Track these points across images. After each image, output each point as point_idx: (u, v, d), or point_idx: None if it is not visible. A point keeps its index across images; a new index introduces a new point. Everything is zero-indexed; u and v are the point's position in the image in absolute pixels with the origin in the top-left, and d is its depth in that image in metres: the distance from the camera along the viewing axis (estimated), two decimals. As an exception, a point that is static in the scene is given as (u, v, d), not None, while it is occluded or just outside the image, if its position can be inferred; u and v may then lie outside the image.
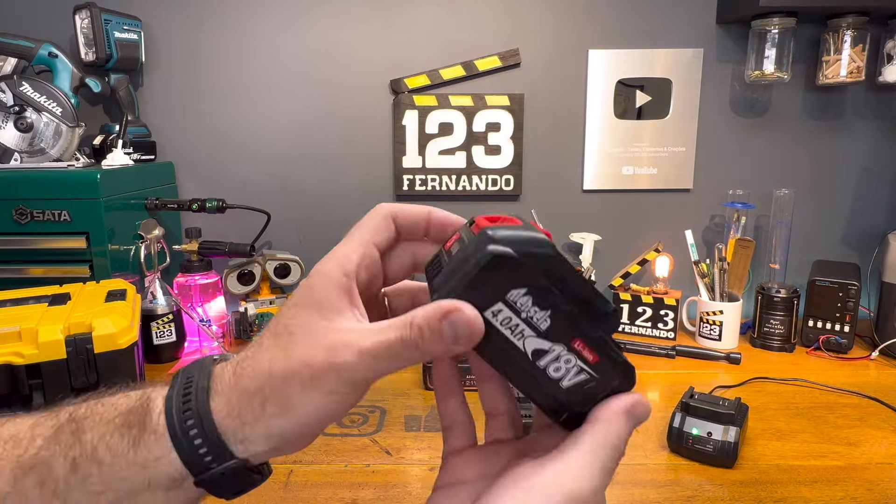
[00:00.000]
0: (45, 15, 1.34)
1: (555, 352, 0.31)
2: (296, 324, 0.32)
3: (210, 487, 0.33)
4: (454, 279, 0.30)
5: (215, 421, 0.32)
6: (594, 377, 0.31)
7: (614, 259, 1.43)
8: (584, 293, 0.30)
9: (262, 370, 0.32)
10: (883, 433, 0.92)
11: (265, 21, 1.37)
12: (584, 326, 0.30)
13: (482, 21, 1.37)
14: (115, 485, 0.33)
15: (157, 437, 0.32)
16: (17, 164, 1.20)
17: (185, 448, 0.32)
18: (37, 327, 0.84)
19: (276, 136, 1.41)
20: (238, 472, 0.33)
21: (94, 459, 0.33)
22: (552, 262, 0.29)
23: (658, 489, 0.78)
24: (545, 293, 0.30)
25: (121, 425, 0.33)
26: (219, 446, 0.32)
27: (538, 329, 0.30)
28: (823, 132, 1.41)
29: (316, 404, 0.31)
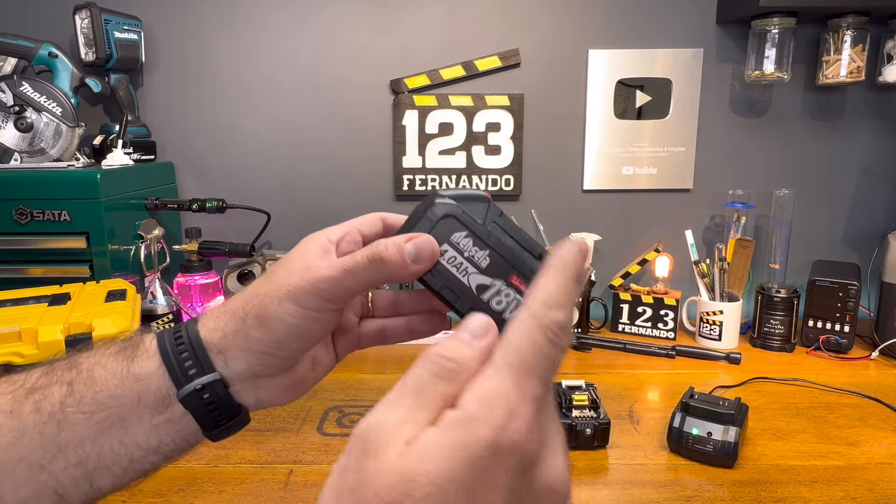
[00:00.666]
0: (45, 15, 1.34)
1: (496, 286, 0.36)
2: (279, 265, 0.38)
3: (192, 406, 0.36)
4: (408, 226, 0.37)
5: (200, 334, 0.37)
6: None
7: (614, 259, 1.43)
8: (517, 235, 0.36)
9: (247, 294, 0.37)
10: (883, 433, 0.92)
11: (265, 21, 1.37)
12: (518, 264, 0.36)
13: (482, 21, 1.37)
14: (108, 402, 0.36)
15: (149, 356, 0.37)
16: (17, 164, 1.20)
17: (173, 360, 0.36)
18: (37, 327, 0.84)
19: (276, 135, 1.41)
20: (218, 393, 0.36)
21: (90, 379, 0.36)
22: (487, 208, 0.36)
23: (658, 489, 0.78)
24: (483, 235, 0.36)
25: (116, 352, 0.37)
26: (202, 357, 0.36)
27: (479, 266, 0.36)
28: (823, 132, 1.41)
29: (291, 316, 0.35)
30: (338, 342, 0.42)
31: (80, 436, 0.35)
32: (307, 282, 0.35)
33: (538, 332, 0.25)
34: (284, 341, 0.36)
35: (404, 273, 0.35)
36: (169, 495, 0.76)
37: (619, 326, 1.36)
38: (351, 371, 1.14)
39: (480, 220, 0.36)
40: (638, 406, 1.01)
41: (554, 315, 0.26)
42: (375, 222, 0.41)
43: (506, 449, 0.23)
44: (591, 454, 0.86)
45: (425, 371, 0.25)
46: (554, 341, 0.26)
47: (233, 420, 0.38)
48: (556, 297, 0.26)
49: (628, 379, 1.12)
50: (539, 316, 0.26)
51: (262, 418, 0.96)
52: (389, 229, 0.41)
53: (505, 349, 0.25)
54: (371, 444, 0.23)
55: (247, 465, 0.83)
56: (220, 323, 0.37)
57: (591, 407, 0.88)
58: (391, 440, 0.23)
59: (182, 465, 0.83)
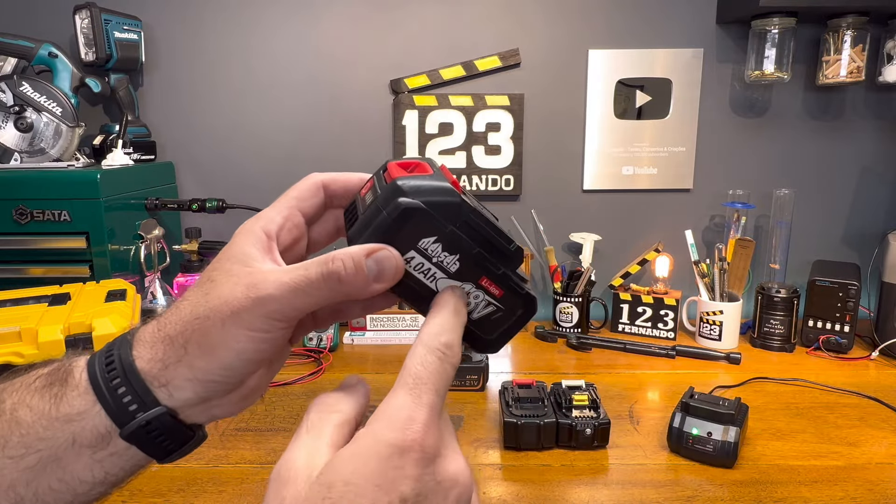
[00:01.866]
0: (45, 15, 1.34)
1: (465, 289, 0.33)
2: (217, 273, 0.33)
3: (138, 442, 0.32)
4: (368, 230, 0.32)
5: (137, 367, 0.32)
6: (500, 308, 0.34)
7: (614, 259, 1.43)
8: (488, 236, 0.33)
9: (185, 315, 0.32)
10: (883, 433, 0.92)
11: (265, 21, 1.37)
12: (489, 265, 0.33)
13: (482, 21, 1.37)
14: (37, 445, 0.32)
15: (80, 392, 0.32)
16: (17, 164, 1.20)
17: (108, 397, 0.32)
18: (37, 327, 0.84)
19: (277, 135, 1.41)
20: (166, 424, 0.32)
21: (14, 422, 0.32)
22: (458, 210, 0.32)
23: (658, 489, 0.78)
24: (453, 239, 0.32)
25: (41, 387, 0.33)
26: (142, 391, 0.32)
27: (448, 271, 0.33)
28: (823, 132, 1.41)
29: (237, 341, 0.31)
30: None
31: (10, 480, 0.32)
32: (252, 302, 0.30)
33: (428, 353, 0.30)
34: (233, 366, 0.32)
35: (364, 293, 0.31)
36: (169, 495, 0.76)
37: (619, 326, 1.36)
38: (351, 371, 1.14)
39: (450, 222, 0.31)
40: (638, 406, 1.01)
41: (442, 338, 0.30)
42: (315, 192, 0.37)
43: (408, 445, 0.27)
44: (591, 454, 0.86)
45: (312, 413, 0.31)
46: (442, 358, 0.30)
47: (186, 444, 0.34)
48: (440, 325, 0.31)
49: (628, 379, 1.12)
50: (427, 342, 0.30)
51: (262, 418, 0.96)
52: (333, 196, 0.37)
53: (401, 375, 0.29)
54: (283, 476, 0.27)
55: (247, 465, 0.83)
56: (157, 353, 0.32)
57: (591, 407, 0.88)
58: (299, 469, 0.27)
59: (182, 466, 0.83)
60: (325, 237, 0.39)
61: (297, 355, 1.20)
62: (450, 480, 0.28)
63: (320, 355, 1.19)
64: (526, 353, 1.26)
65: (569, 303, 1.33)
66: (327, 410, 0.31)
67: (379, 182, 0.33)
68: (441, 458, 0.29)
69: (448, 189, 0.32)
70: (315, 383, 1.09)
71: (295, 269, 0.31)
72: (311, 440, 0.29)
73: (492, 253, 0.33)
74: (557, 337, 1.32)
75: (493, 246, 0.33)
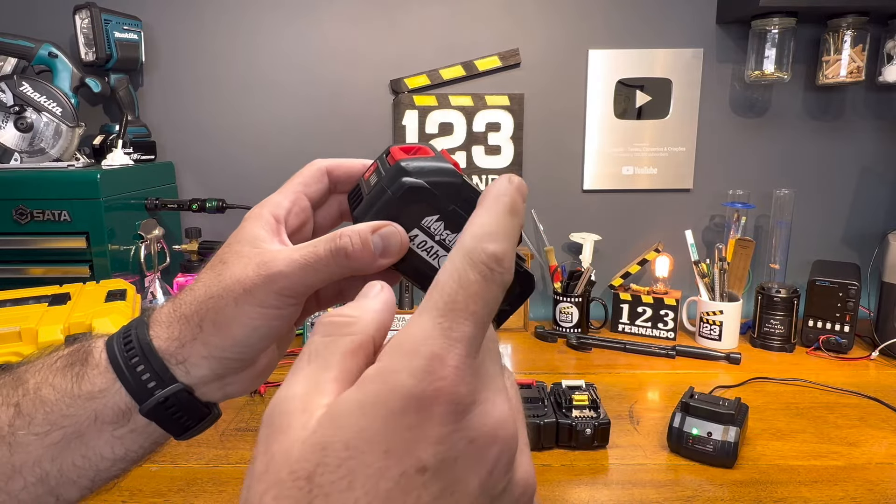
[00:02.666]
0: (45, 15, 1.34)
1: None
2: (229, 255, 0.33)
3: (157, 418, 0.34)
4: (373, 210, 0.32)
5: (155, 346, 0.33)
6: None
7: (614, 259, 1.43)
8: None
9: (199, 295, 0.33)
10: (883, 433, 0.92)
11: (265, 21, 1.37)
12: None
13: (482, 21, 1.37)
14: (61, 422, 0.33)
15: (101, 371, 0.33)
16: (17, 164, 1.20)
17: (128, 375, 0.33)
18: (37, 327, 0.84)
19: (277, 135, 1.41)
20: (183, 401, 0.33)
21: (38, 400, 0.33)
22: (460, 189, 0.32)
23: (658, 489, 0.78)
24: (456, 217, 0.32)
25: (63, 367, 0.34)
26: (160, 369, 0.33)
27: (448, 247, 0.33)
28: (823, 132, 1.41)
29: (250, 317, 0.32)
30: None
31: (36, 456, 0.33)
32: (263, 279, 0.31)
33: (468, 267, 0.23)
34: (247, 343, 0.33)
35: (371, 268, 0.32)
36: (169, 495, 0.76)
37: (619, 326, 1.36)
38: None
39: (452, 201, 0.32)
40: (638, 406, 1.01)
41: (487, 247, 0.23)
42: (320, 178, 0.38)
43: (429, 397, 0.20)
44: (591, 454, 0.86)
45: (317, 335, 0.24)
46: (487, 276, 0.22)
47: (203, 420, 0.35)
48: (488, 228, 0.24)
49: (628, 379, 1.12)
50: (469, 250, 0.23)
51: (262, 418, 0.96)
52: (336, 182, 0.38)
53: (430, 291, 0.23)
54: (276, 424, 0.21)
55: (246, 465, 0.83)
56: (174, 332, 0.33)
57: (591, 407, 0.88)
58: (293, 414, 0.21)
59: (182, 466, 0.83)
60: (330, 221, 0.40)
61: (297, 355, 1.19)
62: (487, 437, 0.21)
63: (320, 355, 1.18)
64: (526, 353, 1.26)
65: (569, 303, 1.33)
66: (337, 332, 0.24)
67: (382, 165, 0.34)
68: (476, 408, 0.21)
69: (450, 169, 0.32)
70: (315, 383, 1.09)
71: (304, 247, 0.32)
72: (313, 372, 0.23)
73: None
74: (557, 337, 1.32)
75: None
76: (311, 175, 0.38)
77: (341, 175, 0.38)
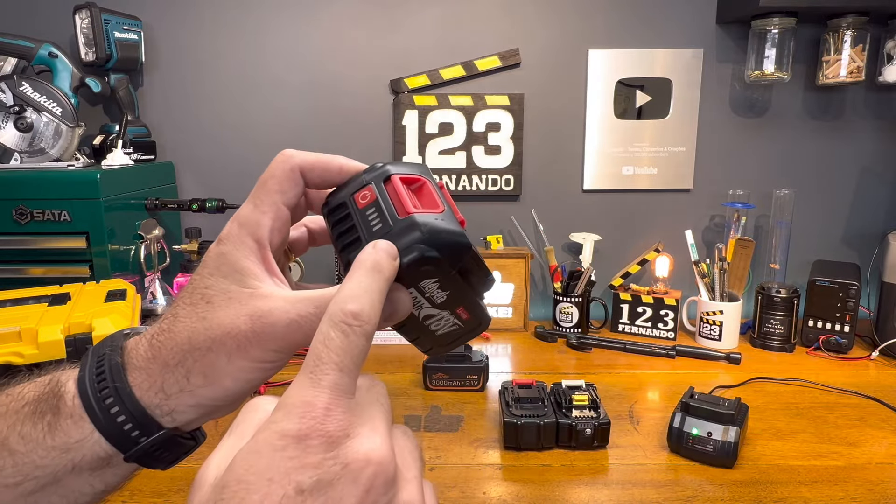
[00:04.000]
0: (45, 15, 1.34)
1: (441, 315, 0.34)
2: (213, 292, 0.31)
3: (142, 461, 0.33)
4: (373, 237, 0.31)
5: (137, 396, 0.31)
6: (462, 328, 0.36)
7: (614, 259, 1.43)
8: (478, 273, 0.34)
9: (182, 342, 0.31)
10: (883, 433, 0.92)
11: (265, 21, 1.37)
12: (470, 299, 0.34)
13: (482, 21, 1.37)
14: (34, 472, 0.31)
15: (75, 420, 0.31)
16: (17, 164, 1.20)
17: (109, 427, 0.31)
18: (37, 327, 0.84)
19: (277, 135, 1.41)
20: (169, 442, 0.32)
21: (7, 449, 0.31)
22: (464, 255, 0.32)
23: (658, 489, 0.78)
24: (451, 280, 0.32)
25: (31, 413, 0.32)
26: (145, 421, 0.31)
27: (434, 302, 0.33)
28: (823, 132, 1.41)
29: (244, 371, 0.31)
30: None
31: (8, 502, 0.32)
32: (258, 337, 0.30)
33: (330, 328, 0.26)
34: (241, 392, 0.32)
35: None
36: (169, 495, 0.76)
37: (619, 326, 1.36)
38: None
39: (454, 266, 0.32)
40: (638, 406, 1.01)
41: (345, 307, 0.26)
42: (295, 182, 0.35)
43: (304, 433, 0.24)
44: (591, 454, 0.86)
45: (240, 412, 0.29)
46: (346, 331, 0.26)
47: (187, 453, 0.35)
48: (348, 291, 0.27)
49: (628, 379, 1.12)
50: (331, 314, 0.26)
51: (262, 418, 0.96)
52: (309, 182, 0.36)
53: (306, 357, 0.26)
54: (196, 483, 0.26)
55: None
56: (156, 381, 0.31)
57: (591, 407, 0.88)
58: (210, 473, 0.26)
59: (182, 465, 0.82)
60: (300, 217, 0.39)
61: (298, 355, 1.19)
62: (360, 461, 0.25)
63: (320, 355, 1.19)
64: (526, 353, 1.26)
65: (569, 303, 1.33)
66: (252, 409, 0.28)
67: (384, 201, 0.32)
68: (350, 440, 0.25)
69: (461, 234, 0.32)
70: (315, 383, 1.09)
71: (301, 302, 0.30)
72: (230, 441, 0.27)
73: (475, 287, 0.34)
74: (557, 337, 1.32)
75: (478, 282, 0.34)
76: (286, 180, 0.35)
77: (315, 176, 0.36)
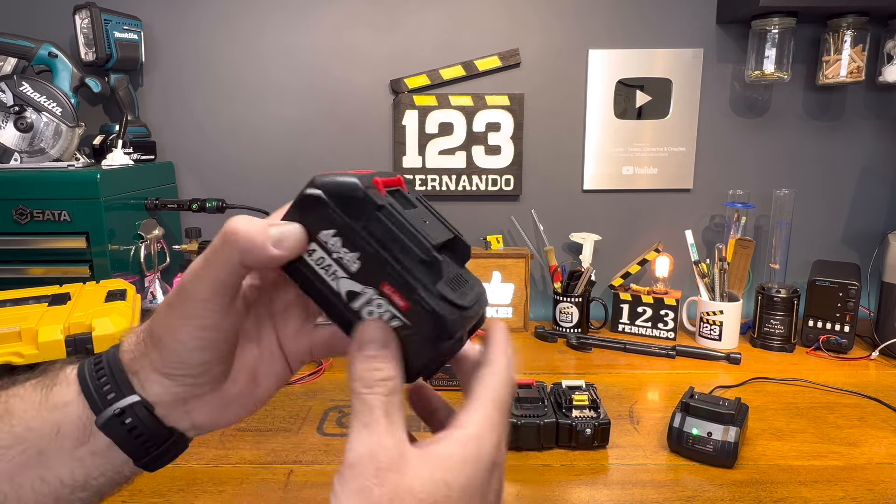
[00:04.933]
0: (45, 15, 1.34)
1: (366, 295, 0.31)
2: None
3: (115, 434, 0.33)
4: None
5: (120, 359, 0.34)
6: (407, 325, 0.31)
7: (614, 259, 1.43)
8: (396, 237, 0.30)
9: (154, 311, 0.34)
10: (883, 433, 0.92)
11: (265, 21, 1.36)
12: (390, 271, 0.30)
13: (482, 21, 1.37)
14: (24, 435, 0.33)
15: (69, 383, 0.34)
16: (17, 164, 1.20)
17: (90, 386, 0.33)
18: (37, 327, 0.84)
19: (276, 135, 1.41)
20: (141, 418, 0.33)
21: (6, 413, 0.34)
22: (361, 205, 0.30)
23: (658, 489, 0.78)
24: (353, 235, 0.30)
25: (35, 383, 0.35)
26: (120, 380, 0.33)
27: (349, 270, 0.31)
28: (823, 132, 1.41)
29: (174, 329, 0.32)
30: (288, 351, 0.38)
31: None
32: (175, 292, 0.32)
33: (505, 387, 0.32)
34: (183, 357, 0.32)
35: (262, 254, 0.30)
36: (169, 495, 0.76)
37: (619, 326, 1.36)
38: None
39: (350, 217, 0.30)
40: (638, 406, 1.01)
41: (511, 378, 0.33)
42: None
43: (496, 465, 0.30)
44: (591, 454, 0.86)
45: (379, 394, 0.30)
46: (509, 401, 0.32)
47: (164, 445, 0.34)
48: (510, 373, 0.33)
49: (628, 379, 1.12)
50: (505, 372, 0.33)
51: (263, 418, 0.96)
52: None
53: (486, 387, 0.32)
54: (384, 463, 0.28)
55: (247, 465, 0.83)
56: (131, 344, 0.34)
57: (591, 407, 0.88)
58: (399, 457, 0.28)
59: (182, 466, 0.83)
60: None
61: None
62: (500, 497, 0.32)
63: (320, 355, 1.18)
64: (526, 353, 1.26)
65: (569, 303, 1.33)
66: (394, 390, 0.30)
67: None
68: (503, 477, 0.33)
69: (352, 184, 0.30)
70: (315, 383, 1.09)
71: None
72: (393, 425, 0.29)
73: (399, 257, 0.30)
74: (557, 337, 1.32)
75: (402, 249, 0.30)
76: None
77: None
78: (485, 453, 0.29)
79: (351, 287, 0.31)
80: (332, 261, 0.31)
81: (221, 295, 0.32)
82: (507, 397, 0.32)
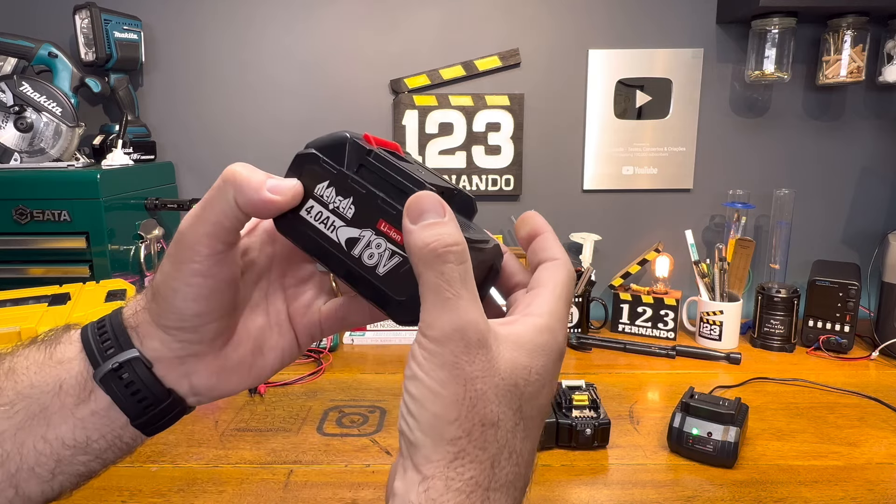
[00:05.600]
0: (45, 15, 1.34)
1: (365, 238, 0.31)
2: None
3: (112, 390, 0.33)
4: None
5: (122, 315, 0.35)
6: (406, 259, 0.30)
7: (614, 259, 1.43)
8: (386, 176, 0.31)
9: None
10: (883, 433, 0.92)
11: (265, 21, 1.36)
12: (384, 207, 0.31)
13: (482, 21, 1.37)
14: (27, 392, 0.33)
15: (72, 341, 0.35)
16: (17, 164, 1.20)
17: (91, 341, 0.34)
18: (37, 327, 0.84)
19: (277, 135, 1.41)
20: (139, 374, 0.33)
21: (11, 370, 0.34)
22: (347, 150, 0.31)
23: (658, 489, 0.78)
24: (345, 181, 0.31)
25: (40, 344, 0.36)
26: (120, 335, 0.34)
27: (345, 218, 0.32)
28: (823, 132, 1.41)
29: (171, 278, 0.33)
30: (297, 324, 0.39)
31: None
32: (174, 242, 0.33)
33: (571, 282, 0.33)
34: (178, 306, 0.33)
35: (258, 198, 0.31)
36: (169, 495, 0.76)
37: (619, 326, 1.36)
38: (351, 371, 1.14)
39: (340, 164, 0.31)
40: (638, 406, 1.01)
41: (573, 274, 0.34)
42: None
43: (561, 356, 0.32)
44: (591, 454, 0.86)
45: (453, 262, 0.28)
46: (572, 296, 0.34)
47: (162, 405, 0.34)
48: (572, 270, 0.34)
49: (628, 379, 1.12)
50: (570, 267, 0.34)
51: (263, 418, 0.96)
52: None
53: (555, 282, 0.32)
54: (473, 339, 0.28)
55: (247, 465, 0.83)
56: (134, 301, 0.36)
57: (591, 407, 0.88)
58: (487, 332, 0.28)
59: (182, 466, 0.83)
60: None
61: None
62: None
63: (320, 355, 1.19)
64: (526, 353, 1.26)
65: (569, 303, 1.33)
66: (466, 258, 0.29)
67: None
68: None
69: (340, 135, 0.32)
70: (315, 383, 1.09)
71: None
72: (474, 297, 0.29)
73: (391, 193, 0.31)
74: (557, 337, 1.32)
75: (393, 185, 0.31)
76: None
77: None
78: (556, 344, 0.31)
79: (349, 234, 0.32)
80: (329, 212, 0.32)
81: (215, 239, 0.32)
82: (572, 292, 0.33)
